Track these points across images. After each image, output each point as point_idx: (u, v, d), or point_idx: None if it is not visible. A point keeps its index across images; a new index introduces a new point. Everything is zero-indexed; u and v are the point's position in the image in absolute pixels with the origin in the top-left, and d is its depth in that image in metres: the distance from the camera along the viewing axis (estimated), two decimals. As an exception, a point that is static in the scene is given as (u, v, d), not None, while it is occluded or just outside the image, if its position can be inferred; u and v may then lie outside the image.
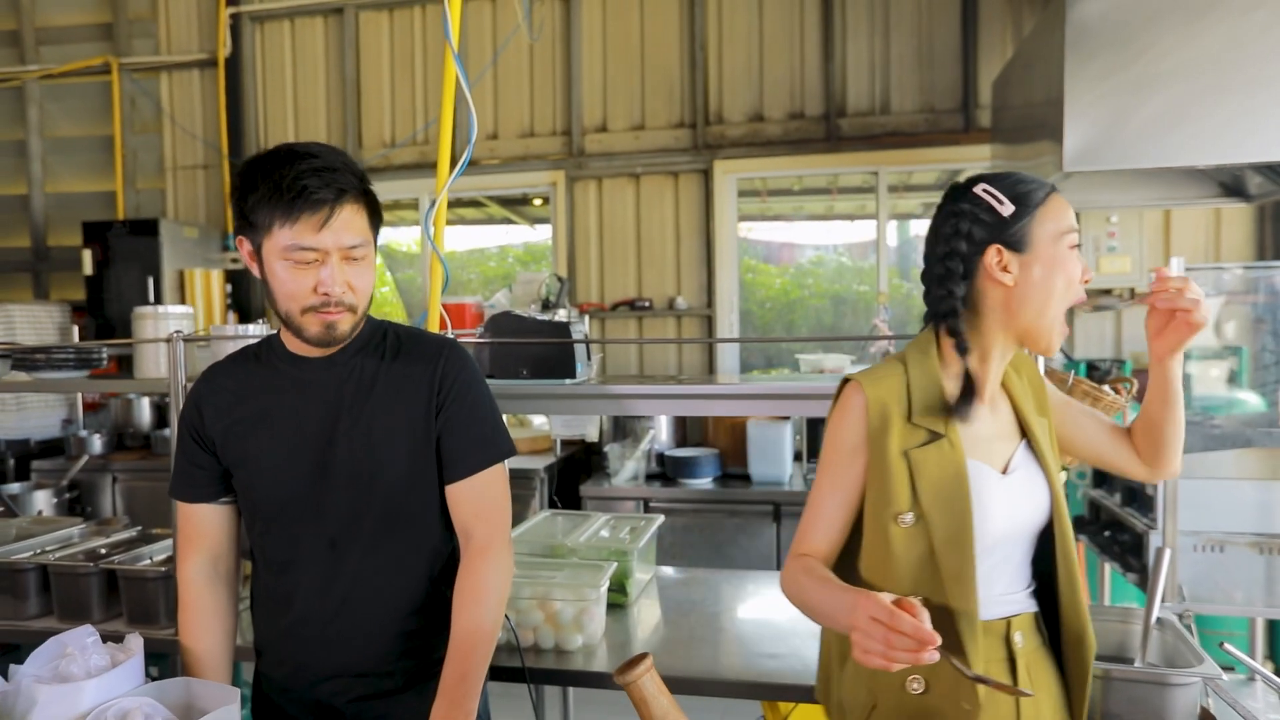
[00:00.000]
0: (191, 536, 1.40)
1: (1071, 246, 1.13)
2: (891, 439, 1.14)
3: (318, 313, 1.24)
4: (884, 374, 1.19)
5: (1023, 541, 1.18)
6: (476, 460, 1.34)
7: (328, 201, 1.19)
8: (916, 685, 1.14)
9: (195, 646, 1.37)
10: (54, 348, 2.09)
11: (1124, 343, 4.04)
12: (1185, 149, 2.48)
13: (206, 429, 1.35)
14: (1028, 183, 1.15)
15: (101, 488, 4.10)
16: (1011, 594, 1.19)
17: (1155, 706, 1.57)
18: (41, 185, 5.22)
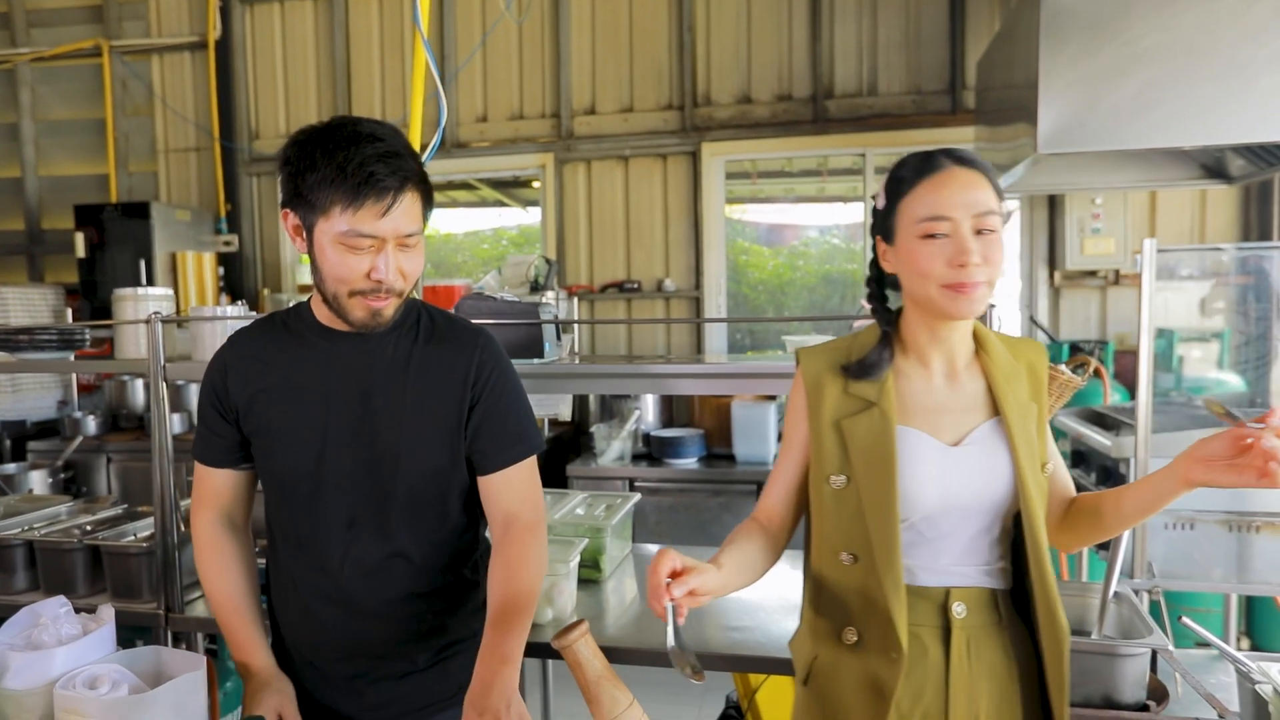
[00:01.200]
0: (206, 496, 1.40)
1: (927, 235, 1.11)
2: (825, 407, 1.20)
3: (365, 298, 1.21)
4: (829, 346, 1.26)
5: (977, 516, 1.18)
6: (513, 454, 1.35)
7: (392, 189, 1.16)
8: (851, 636, 1.19)
9: (220, 588, 1.37)
10: (36, 329, 2.12)
11: (1109, 324, 4.06)
12: (1160, 131, 2.50)
13: (231, 397, 1.33)
14: (903, 170, 1.17)
15: (96, 468, 4.16)
16: (960, 567, 1.19)
17: (1105, 676, 1.61)
18: (35, 168, 5.24)
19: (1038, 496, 1.17)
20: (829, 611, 1.22)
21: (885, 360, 1.20)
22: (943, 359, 1.21)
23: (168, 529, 1.98)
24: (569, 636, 0.92)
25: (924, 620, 1.17)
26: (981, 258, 1.10)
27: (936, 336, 1.19)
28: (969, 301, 1.10)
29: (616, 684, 0.95)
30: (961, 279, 1.09)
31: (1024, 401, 1.20)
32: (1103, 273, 4.01)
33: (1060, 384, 1.66)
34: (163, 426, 1.99)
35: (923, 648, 1.17)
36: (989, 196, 1.12)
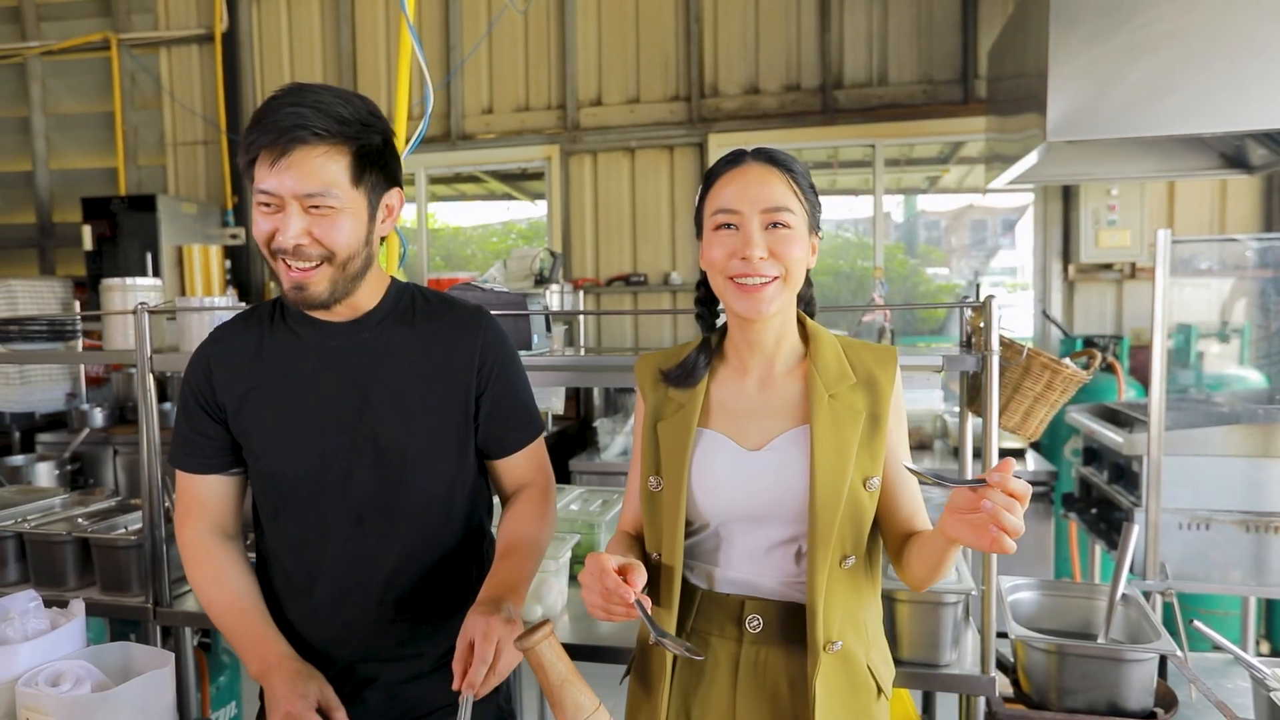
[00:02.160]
0: (191, 507, 1.29)
1: (717, 227, 1.11)
2: (648, 410, 1.21)
3: (285, 265, 1.14)
4: (663, 353, 1.26)
5: (775, 525, 1.13)
6: (522, 437, 1.33)
7: (289, 139, 1.07)
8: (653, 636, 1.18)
9: (219, 596, 1.23)
10: (27, 319, 2.11)
11: (1124, 318, 3.97)
12: (1174, 117, 2.42)
13: (217, 396, 1.24)
14: (713, 168, 1.17)
15: (103, 460, 4.17)
16: (754, 578, 1.14)
17: (1111, 682, 1.56)
18: (45, 162, 5.27)
19: (834, 507, 1.08)
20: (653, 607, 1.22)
21: (700, 365, 1.19)
22: (758, 363, 1.18)
23: (156, 522, 1.96)
24: (532, 638, 0.88)
25: (719, 630, 1.15)
26: (767, 251, 1.09)
27: (749, 339, 1.18)
28: (755, 302, 1.10)
29: (582, 687, 0.91)
30: (745, 270, 1.09)
31: (847, 410, 1.12)
32: (1118, 266, 3.92)
33: (1065, 378, 1.60)
34: (150, 419, 1.97)
35: (715, 658, 1.15)
36: (783, 193, 1.11)
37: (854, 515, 1.11)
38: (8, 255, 5.38)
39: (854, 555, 1.12)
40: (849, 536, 1.11)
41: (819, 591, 1.08)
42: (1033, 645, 1.61)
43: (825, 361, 1.16)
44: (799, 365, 1.18)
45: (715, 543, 1.16)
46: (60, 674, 1.15)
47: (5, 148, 5.33)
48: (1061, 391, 1.62)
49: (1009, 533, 0.89)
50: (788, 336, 1.18)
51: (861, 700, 1.13)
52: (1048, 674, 1.59)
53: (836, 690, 1.10)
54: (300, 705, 1.09)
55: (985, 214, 5.42)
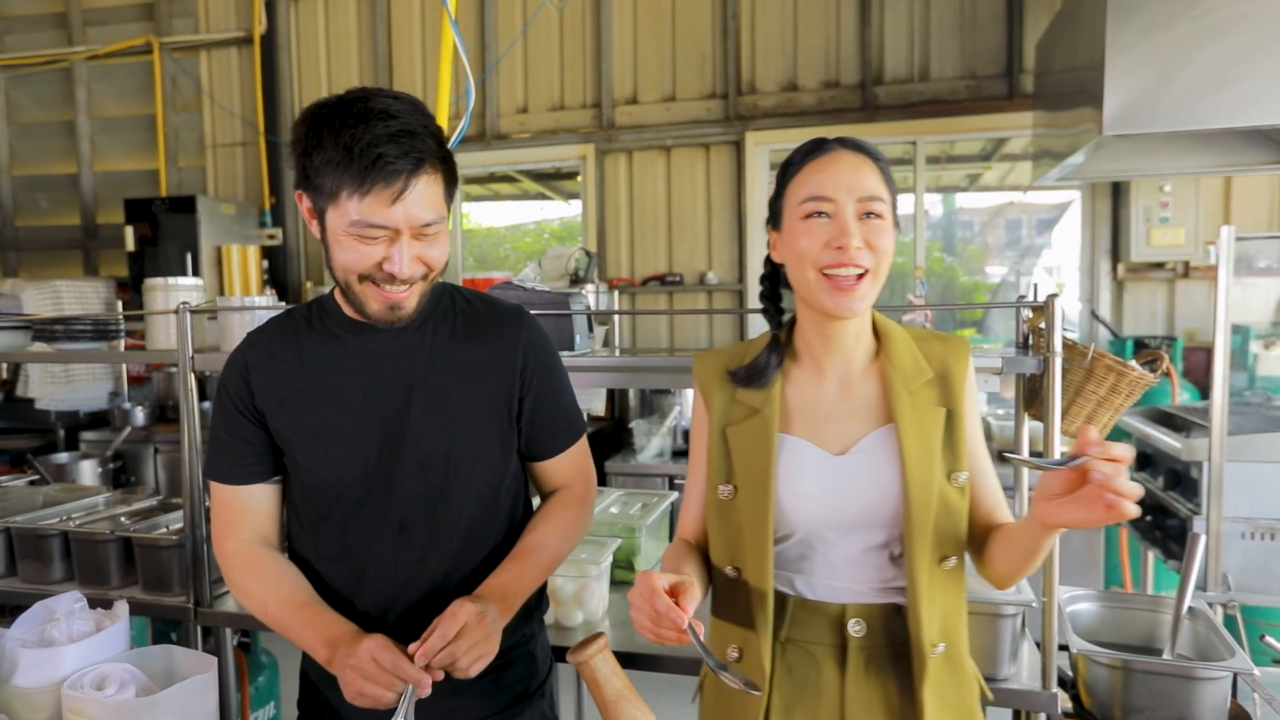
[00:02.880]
0: (232, 520, 1.24)
1: (808, 216, 1.06)
2: (715, 414, 1.15)
3: (378, 287, 1.11)
4: (724, 352, 1.21)
5: (868, 530, 1.09)
6: (566, 439, 1.31)
7: (403, 173, 1.05)
8: (733, 653, 1.15)
9: (271, 595, 1.18)
10: (71, 319, 2.12)
11: (1176, 319, 3.84)
12: (1237, 109, 2.31)
13: (255, 401, 1.21)
14: (793, 155, 1.12)
15: (144, 458, 4.23)
16: (851, 584, 1.11)
17: (1180, 701, 1.49)
18: (90, 164, 5.36)
19: (928, 508, 1.06)
20: (722, 623, 1.17)
21: (773, 365, 1.14)
22: (836, 363, 1.14)
23: (197, 522, 1.96)
24: (585, 652, 0.85)
25: (819, 638, 1.10)
26: (863, 241, 1.04)
27: (826, 337, 1.13)
28: (850, 299, 1.05)
29: (638, 704, 0.87)
30: (839, 260, 1.04)
31: (927, 406, 1.09)
32: (1171, 264, 3.79)
33: (1130, 381, 1.53)
34: (192, 418, 1.97)
35: (816, 667, 1.10)
36: (876, 183, 1.07)
37: (948, 513, 1.08)
38: (53, 256, 5.49)
39: (954, 555, 1.09)
40: (947, 535, 1.08)
41: (920, 595, 1.06)
42: (1096, 660, 1.54)
43: (900, 358, 1.12)
44: (874, 363, 1.14)
45: (801, 550, 1.12)
46: (105, 677, 1.14)
47: (52, 151, 5.44)
48: (1127, 395, 1.55)
49: (1126, 497, 0.84)
50: (865, 334, 1.14)
51: (967, 701, 1.12)
52: (1112, 691, 1.52)
53: (944, 692, 1.08)
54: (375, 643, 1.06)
55: (1022, 212, 5.30)
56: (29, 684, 1.15)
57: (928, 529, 1.06)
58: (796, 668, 1.09)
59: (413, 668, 1.01)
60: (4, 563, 2.13)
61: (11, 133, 5.50)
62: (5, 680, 1.16)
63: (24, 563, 2.11)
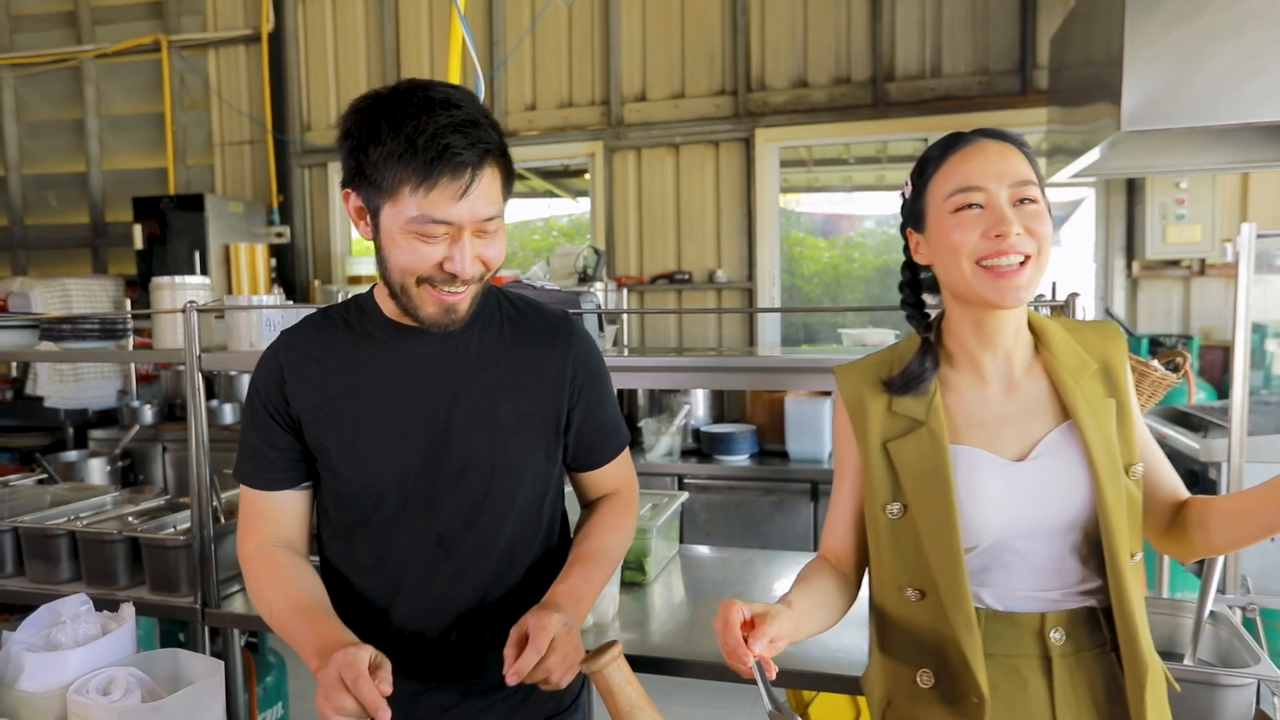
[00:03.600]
0: (256, 523, 1.19)
1: (959, 209, 1.02)
2: (871, 428, 1.09)
3: (436, 289, 1.06)
4: (868, 362, 1.16)
5: (1058, 534, 1.05)
6: (614, 448, 1.28)
7: (471, 165, 0.99)
8: (927, 680, 1.07)
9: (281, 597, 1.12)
10: (79, 318, 2.11)
11: (1192, 317, 3.79)
12: (1259, 104, 2.28)
13: (290, 406, 1.16)
14: (930, 152, 1.09)
15: (153, 457, 4.23)
16: (1044, 592, 1.07)
17: (1203, 709, 1.46)
18: (99, 163, 5.36)
19: (1121, 505, 1.03)
20: (900, 652, 1.10)
21: (929, 370, 1.08)
22: (996, 362, 1.08)
23: (204, 522, 1.95)
24: (600, 660, 0.83)
25: (1020, 650, 1.05)
26: (1023, 228, 0.99)
27: (985, 335, 1.07)
28: (1013, 286, 0.99)
29: (652, 714, 0.85)
30: (1001, 249, 0.99)
31: (1098, 399, 1.06)
32: (1186, 262, 3.75)
33: (1153, 382, 1.50)
34: (199, 418, 1.96)
35: (1021, 681, 1.04)
36: (1025, 167, 1.03)
37: (1132, 508, 1.05)
38: (63, 254, 5.49)
39: (1139, 551, 1.06)
40: (1133, 531, 1.05)
41: (1128, 595, 1.01)
42: (1115, 666, 1.51)
43: (1062, 352, 1.08)
44: (1034, 360, 1.10)
45: (984, 562, 1.07)
46: (111, 681, 1.12)
47: (61, 149, 5.45)
48: (1149, 396, 1.52)
49: None
50: (1024, 328, 1.09)
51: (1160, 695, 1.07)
52: (1133, 697, 1.49)
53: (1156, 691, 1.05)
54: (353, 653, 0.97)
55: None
56: (34, 688, 1.14)
57: (1123, 525, 1.02)
58: (1000, 683, 1.04)
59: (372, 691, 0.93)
60: (12, 562, 2.13)
61: (21, 131, 5.51)
62: (11, 684, 1.15)
63: (31, 562, 2.10)
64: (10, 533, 2.11)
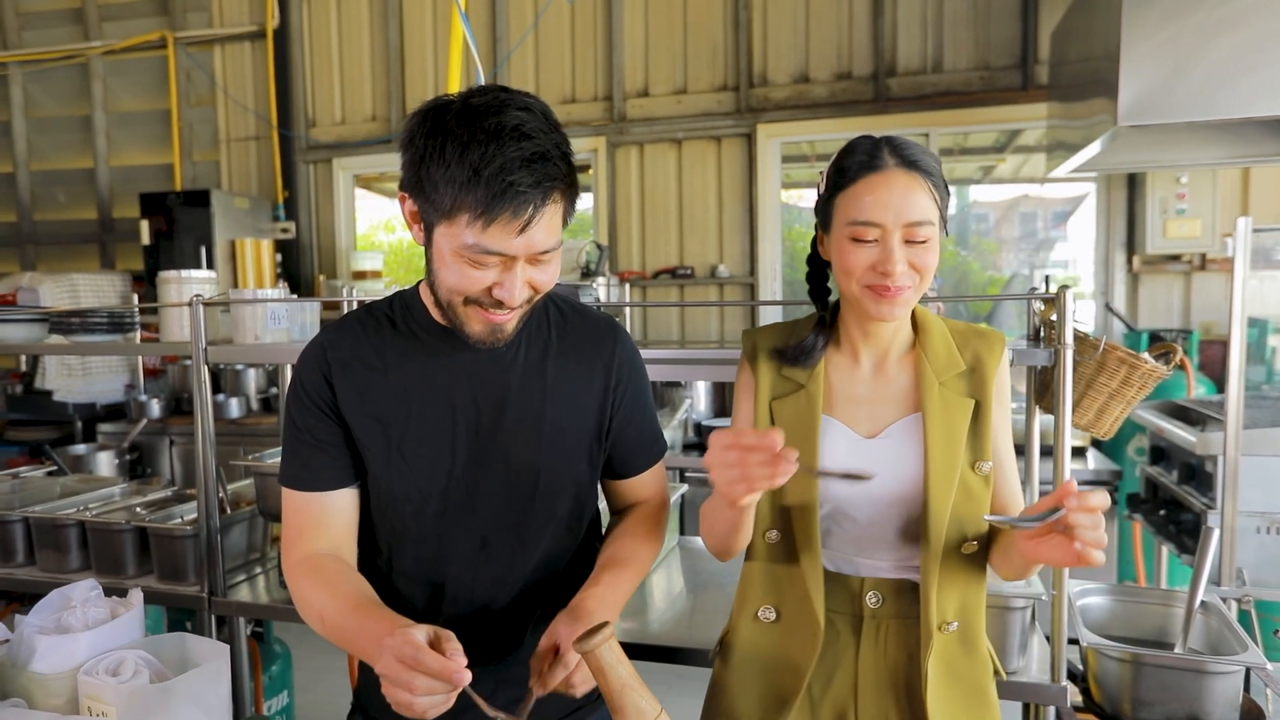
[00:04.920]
0: (304, 529, 1.12)
1: (855, 239, 1.08)
2: (762, 385, 1.20)
3: (483, 309, 1.04)
4: (773, 328, 1.26)
5: (889, 509, 1.15)
6: (650, 457, 1.28)
7: (534, 203, 0.95)
8: (769, 614, 1.20)
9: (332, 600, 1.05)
10: (88, 311, 2.15)
11: (1192, 312, 3.80)
12: (1256, 99, 2.28)
13: (339, 401, 1.12)
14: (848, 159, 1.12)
15: (160, 450, 4.27)
16: (875, 560, 1.18)
17: (1191, 695, 1.48)
18: (106, 159, 5.41)
19: (948, 493, 1.12)
20: (752, 589, 1.23)
21: (819, 348, 1.20)
22: (872, 353, 1.20)
23: (210, 512, 1.99)
24: (591, 640, 0.85)
25: (840, 607, 1.18)
26: (907, 265, 1.07)
27: (866, 332, 1.18)
28: (891, 305, 1.09)
29: (643, 692, 0.88)
30: (884, 284, 1.07)
31: (955, 396, 1.15)
32: (1187, 257, 3.75)
33: (1143, 374, 1.52)
34: (205, 410, 1.99)
35: (835, 633, 1.18)
36: (925, 205, 1.08)
37: (970, 500, 1.13)
38: (71, 250, 5.54)
39: (976, 540, 1.15)
40: (968, 521, 1.14)
41: (932, 576, 1.12)
42: (1106, 654, 1.53)
43: (935, 350, 1.18)
44: (909, 353, 1.19)
45: (826, 525, 1.18)
46: (120, 663, 1.15)
47: (69, 145, 5.49)
48: (1139, 388, 1.54)
49: (1095, 547, 0.93)
50: (904, 327, 1.19)
51: (980, 680, 1.18)
52: (1122, 684, 1.52)
53: (954, 668, 1.15)
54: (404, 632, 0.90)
55: (1037, 205, 5.26)
56: (46, 669, 1.17)
57: (945, 514, 1.11)
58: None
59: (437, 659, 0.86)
60: (23, 552, 2.17)
61: (29, 128, 5.55)
62: (24, 666, 1.18)
63: (42, 552, 2.14)
64: (21, 523, 2.15)
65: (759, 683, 1.21)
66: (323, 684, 3.27)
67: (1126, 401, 1.56)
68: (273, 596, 2.02)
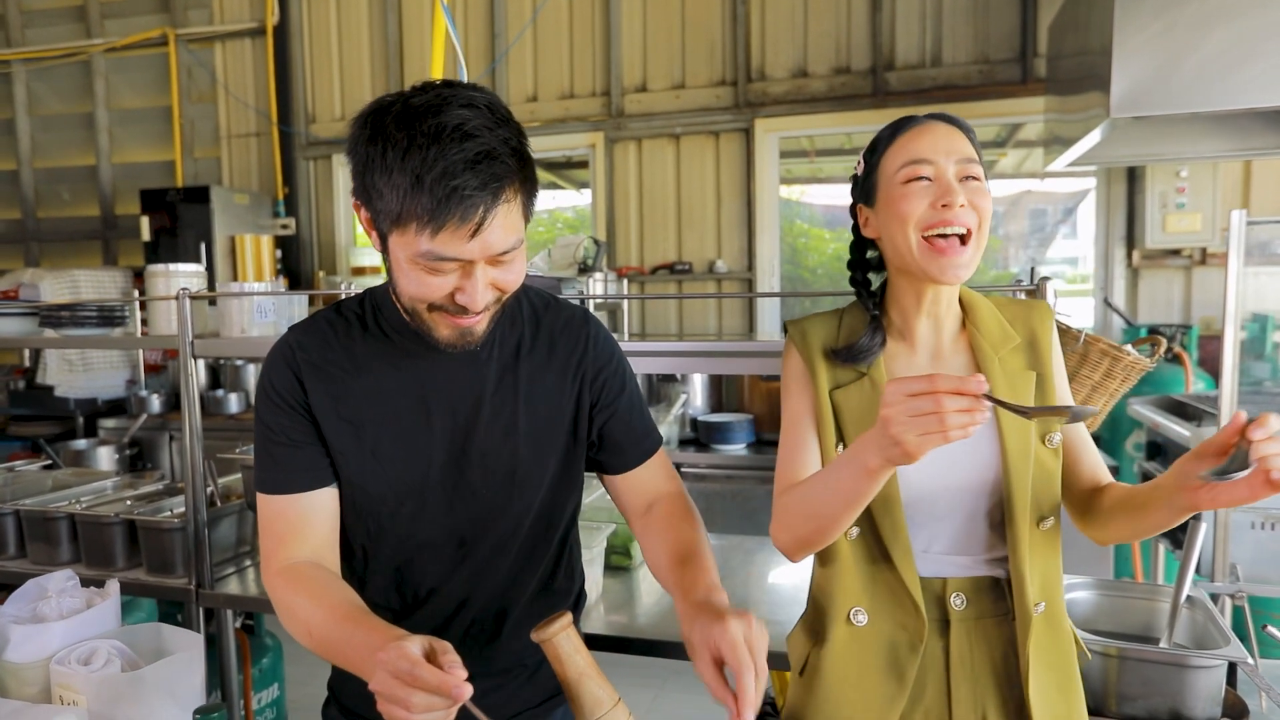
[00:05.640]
0: (285, 536, 1.08)
1: (909, 180, 1.06)
2: (819, 376, 1.14)
3: (449, 315, 1.01)
4: (818, 319, 1.21)
5: (967, 500, 1.10)
6: (647, 447, 1.23)
7: (483, 205, 0.91)
8: (860, 617, 1.12)
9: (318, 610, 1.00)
10: (78, 305, 2.16)
11: (1193, 307, 3.77)
12: (1249, 90, 2.26)
13: (310, 400, 1.09)
14: (881, 133, 1.14)
15: (160, 445, 4.29)
16: (952, 556, 1.12)
17: (1173, 689, 1.47)
18: (108, 156, 5.43)
19: (1026, 473, 1.08)
20: (840, 591, 1.14)
21: (877, 346, 1.14)
22: (928, 331, 1.15)
23: (198, 506, 1.99)
24: (549, 629, 0.85)
25: (927, 614, 1.10)
26: (967, 201, 1.04)
27: (922, 305, 1.13)
28: (952, 265, 1.04)
29: (600, 681, 0.87)
30: (946, 219, 1.03)
31: (1018, 371, 1.12)
32: (1187, 251, 3.73)
33: (1126, 365, 1.51)
34: (192, 403, 2.00)
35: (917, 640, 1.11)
36: (970, 148, 1.08)
37: (1044, 476, 1.10)
38: (74, 246, 5.57)
39: (1051, 516, 1.11)
40: (1044, 498, 1.10)
41: (1023, 557, 1.08)
42: (1089, 647, 1.52)
43: (988, 327, 1.14)
44: (961, 334, 1.15)
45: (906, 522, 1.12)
46: (93, 652, 1.16)
47: (71, 143, 5.52)
48: (1122, 380, 1.53)
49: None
50: (955, 303, 1.15)
51: (1067, 659, 1.14)
52: (1105, 679, 1.50)
53: (1045, 650, 1.11)
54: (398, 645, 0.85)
55: (1043, 201, 5.23)
56: (20, 659, 1.17)
57: (1026, 493, 1.08)
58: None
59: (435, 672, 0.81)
60: (14, 544, 2.18)
61: (33, 125, 5.58)
62: (-2, 655, 1.18)
63: (33, 544, 2.15)
64: (12, 515, 2.17)
65: (858, 690, 1.12)
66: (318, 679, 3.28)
67: (1110, 394, 1.55)
68: (261, 590, 2.03)
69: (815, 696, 1.15)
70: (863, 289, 1.19)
